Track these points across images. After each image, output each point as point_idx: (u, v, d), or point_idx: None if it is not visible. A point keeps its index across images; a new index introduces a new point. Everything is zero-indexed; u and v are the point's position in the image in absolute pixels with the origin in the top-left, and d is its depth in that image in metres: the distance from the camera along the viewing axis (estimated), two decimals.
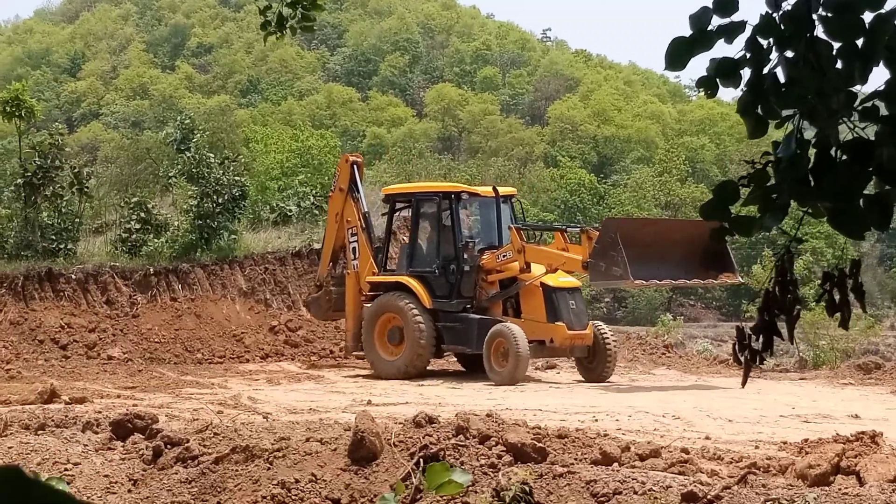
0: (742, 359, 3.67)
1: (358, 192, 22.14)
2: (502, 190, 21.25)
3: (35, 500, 1.15)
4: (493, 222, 20.90)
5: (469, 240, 20.46)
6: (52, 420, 13.40)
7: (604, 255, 18.23)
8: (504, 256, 19.94)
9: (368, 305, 20.80)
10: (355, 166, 22.44)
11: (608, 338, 19.64)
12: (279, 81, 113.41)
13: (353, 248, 21.78)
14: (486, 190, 21.38)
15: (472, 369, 20.47)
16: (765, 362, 3.80)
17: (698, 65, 3.59)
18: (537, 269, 19.75)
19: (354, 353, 21.65)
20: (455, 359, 21.82)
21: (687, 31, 3.22)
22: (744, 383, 3.89)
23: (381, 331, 20.35)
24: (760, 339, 3.62)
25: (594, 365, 19.64)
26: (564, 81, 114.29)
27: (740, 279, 21.29)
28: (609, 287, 24.47)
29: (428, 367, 20.62)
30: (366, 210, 22.28)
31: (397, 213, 22.59)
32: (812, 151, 3.19)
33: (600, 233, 19.02)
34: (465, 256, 20.00)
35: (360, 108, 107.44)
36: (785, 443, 12.21)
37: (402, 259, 21.34)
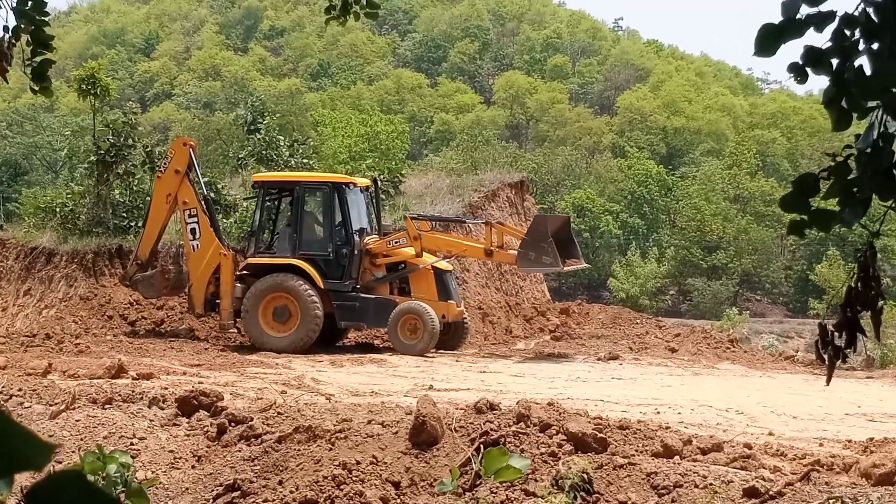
0: (826, 356, 3.62)
1: (196, 174, 23.08)
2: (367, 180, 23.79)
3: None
4: (364, 210, 22.89)
5: (362, 227, 22.26)
6: (119, 395, 13.61)
7: (534, 246, 20.88)
8: (397, 242, 22.08)
9: (240, 285, 21.90)
10: (192, 150, 23.08)
11: (465, 314, 22.73)
12: (349, 66, 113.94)
13: (193, 230, 22.66)
14: (363, 181, 23.46)
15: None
16: (848, 359, 3.75)
17: (778, 57, 3.55)
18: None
19: (229, 329, 22.69)
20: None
21: (771, 19, 3.20)
22: (828, 381, 3.84)
23: (265, 309, 21.51)
24: (843, 336, 3.57)
25: (449, 336, 22.00)
26: (635, 71, 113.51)
27: (584, 263, 24.18)
28: (532, 272, 26.77)
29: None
30: (205, 192, 23.28)
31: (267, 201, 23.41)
32: None
33: (531, 227, 22.08)
34: (357, 241, 21.75)
35: (428, 93, 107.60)
36: (850, 441, 12.06)
37: (283, 242, 22.17)
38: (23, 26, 5.89)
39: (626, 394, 16.05)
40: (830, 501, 9.05)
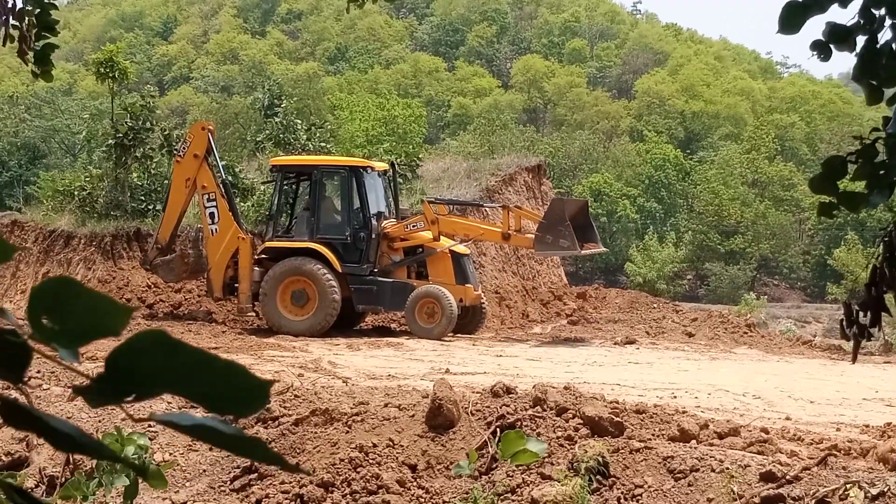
0: (851, 335, 3.62)
1: (215, 158, 23.08)
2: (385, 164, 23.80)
3: (182, 361, 1.17)
4: (382, 194, 22.96)
5: (380, 211, 22.28)
6: None
7: (551, 229, 20.82)
8: (414, 226, 22.15)
9: (258, 269, 21.95)
10: (210, 134, 23.09)
11: (482, 298, 22.72)
12: (367, 49, 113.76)
13: (211, 214, 22.71)
14: (380, 165, 23.62)
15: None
16: (872, 338, 3.75)
17: (798, 40, 3.50)
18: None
19: (247, 312, 22.72)
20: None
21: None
22: (854, 359, 3.84)
23: (283, 292, 21.56)
24: (868, 315, 3.56)
25: (467, 321, 21.96)
26: (653, 55, 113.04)
27: (602, 247, 24.13)
28: (549, 256, 26.66)
29: None
30: (224, 176, 23.21)
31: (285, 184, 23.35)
32: None
33: (548, 210, 22.10)
34: (374, 225, 21.78)
35: (446, 77, 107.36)
36: (867, 426, 12.02)
37: (301, 226, 22.21)
38: (29, 8, 5.86)
39: (642, 378, 16.03)
40: (847, 486, 9.03)
